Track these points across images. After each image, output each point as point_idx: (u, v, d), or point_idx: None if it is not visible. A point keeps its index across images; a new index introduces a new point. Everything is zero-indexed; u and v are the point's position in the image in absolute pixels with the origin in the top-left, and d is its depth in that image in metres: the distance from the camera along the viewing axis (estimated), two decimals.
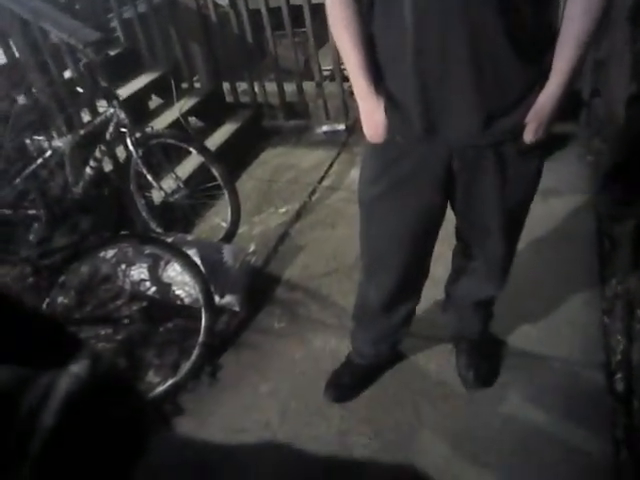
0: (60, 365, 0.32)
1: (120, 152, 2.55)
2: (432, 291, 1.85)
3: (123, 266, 2.20)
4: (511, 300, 1.90)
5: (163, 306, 2.23)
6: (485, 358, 1.85)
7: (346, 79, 1.24)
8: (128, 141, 2.32)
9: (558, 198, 2.53)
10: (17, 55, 2.59)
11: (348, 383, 1.86)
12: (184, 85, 3.67)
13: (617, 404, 1.67)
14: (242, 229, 2.67)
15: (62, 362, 0.32)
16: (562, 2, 1.12)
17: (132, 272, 2.21)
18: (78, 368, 0.32)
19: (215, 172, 2.47)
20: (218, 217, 2.74)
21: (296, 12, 3.25)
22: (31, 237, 2.41)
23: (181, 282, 2.14)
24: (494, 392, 1.79)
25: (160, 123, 3.13)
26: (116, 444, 0.33)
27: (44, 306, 1.86)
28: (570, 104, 1.21)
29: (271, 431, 1.79)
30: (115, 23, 3.70)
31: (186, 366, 1.98)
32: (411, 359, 1.94)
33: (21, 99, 2.61)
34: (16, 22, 2.43)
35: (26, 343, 0.34)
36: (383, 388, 1.86)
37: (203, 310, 1.99)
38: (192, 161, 2.91)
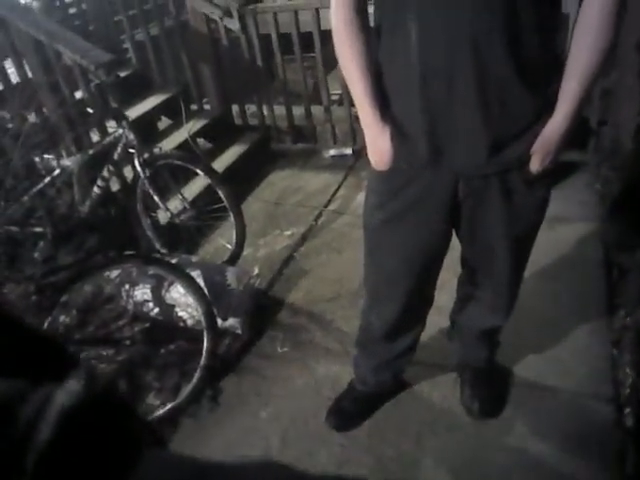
0: (55, 379, 0.31)
1: (128, 172, 2.57)
2: (437, 319, 1.83)
3: (127, 286, 2.19)
4: (517, 329, 1.88)
5: (165, 327, 2.21)
6: (490, 388, 1.82)
7: (354, 103, 1.26)
8: (136, 161, 2.34)
9: (565, 226, 2.51)
10: (30, 75, 2.63)
11: (350, 411, 1.83)
12: (193, 107, 3.71)
13: (626, 439, 1.63)
14: (247, 251, 2.66)
15: (58, 378, 0.32)
16: (569, 32, 1.12)
17: (135, 292, 2.20)
18: (74, 383, 0.31)
19: (221, 194, 2.48)
20: (223, 239, 2.74)
21: (306, 38, 3.29)
22: (36, 255, 2.41)
23: (184, 304, 2.13)
24: (499, 423, 1.75)
25: (169, 144, 3.16)
26: (110, 459, 0.33)
27: (46, 325, 1.85)
28: (578, 132, 1.20)
29: (270, 457, 1.76)
30: (127, 45, 3.77)
31: (187, 389, 1.96)
32: (415, 388, 1.90)
33: (32, 118, 2.63)
34: (30, 43, 2.47)
35: (22, 359, 0.33)
36: (385, 417, 1.83)
37: (205, 333, 1.98)
38: (199, 182, 2.92)
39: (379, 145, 1.24)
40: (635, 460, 1.56)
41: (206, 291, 2.03)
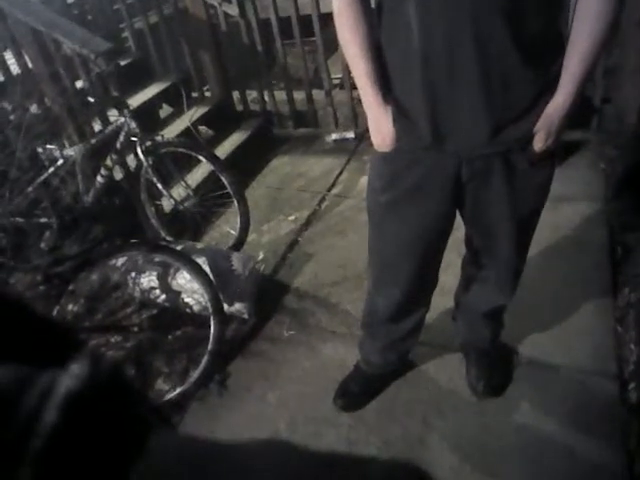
0: (61, 364, 0.32)
1: (131, 161, 2.57)
2: (442, 300, 1.84)
3: (133, 274, 2.21)
4: (522, 309, 1.89)
5: (172, 314, 2.23)
6: (495, 368, 1.83)
7: (355, 87, 1.26)
8: (138, 150, 2.34)
9: (570, 205, 2.51)
10: (30, 65, 2.62)
11: (357, 392, 1.85)
12: (194, 94, 3.70)
13: (630, 415, 1.65)
14: (251, 237, 2.68)
15: (63, 362, 0.32)
16: (571, 10, 1.11)
17: (142, 280, 2.22)
18: (79, 367, 0.31)
19: (225, 180, 2.48)
20: (227, 225, 2.75)
21: (305, 21, 3.26)
22: (42, 245, 2.42)
23: (190, 290, 2.15)
24: (504, 402, 1.77)
25: (170, 132, 3.15)
26: (117, 444, 0.33)
27: (54, 314, 1.87)
28: (581, 111, 1.20)
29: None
30: (127, 33, 3.75)
31: (195, 374, 1.98)
32: (421, 368, 1.92)
33: (34, 108, 2.63)
34: (29, 33, 2.46)
35: (26, 342, 0.34)
36: (392, 397, 1.85)
37: (212, 318, 1.99)
38: (202, 169, 2.92)
39: (382, 126, 1.24)
40: (638, 435, 1.58)
41: (212, 277, 2.05)
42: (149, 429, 0.36)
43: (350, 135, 3.51)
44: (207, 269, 2.08)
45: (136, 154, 2.38)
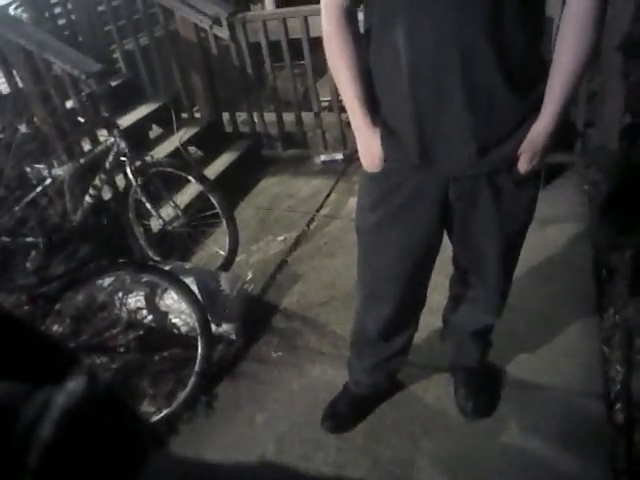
0: (57, 380, 0.32)
1: (120, 180, 2.57)
2: (430, 320, 1.85)
3: (120, 294, 2.19)
4: (509, 329, 1.90)
5: (159, 334, 2.21)
6: (483, 388, 1.83)
7: (344, 109, 1.29)
8: (128, 170, 2.34)
9: (555, 227, 2.54)
10: (20, 85, 2.63)
11: (345, 413, 1.84)
12: (184, 115, 3.72)
13: (617, 435, 1.65)
14: (240, 257, 2.67)
15: (59, 378, 0.32)
16: (553, 33, 1.15)
17: (129, 300, 2.20)
18: (75, 384, 0.32)
19: (214, 200, 2.49)
20: (216, 245, 2.75)
21: (295, 45, 3.31)
22: (28, 265, 2.41)
23: (178, 310, 2.13)
24: (492, 422, 1.77)
25: (160, 152, 3.17)
26: (113, 460, 0.33)
27: None
28: (565, 134, 1.23)
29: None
30: (117, 54, 3.78)
31: (182, 395, 1.96)
32: (409, 389, 1.92)
33: (23, 128, 2.64)
34: (20, 53, 2.48)
35: (22, 358, 0.34)
36: (381, 418, 1.84)
37: (200, 339, 1.98)
38: (191, 190, 2.93)
39: (370, 148, 1.26)
40: (625, 455, 1.58)
41: (200, 297, 2.04)
42: (145, 444, 0.36)
43: (339, 156, 3.54)
44: (195, 289, 2.07)
45: (125, 174, 2.38)
